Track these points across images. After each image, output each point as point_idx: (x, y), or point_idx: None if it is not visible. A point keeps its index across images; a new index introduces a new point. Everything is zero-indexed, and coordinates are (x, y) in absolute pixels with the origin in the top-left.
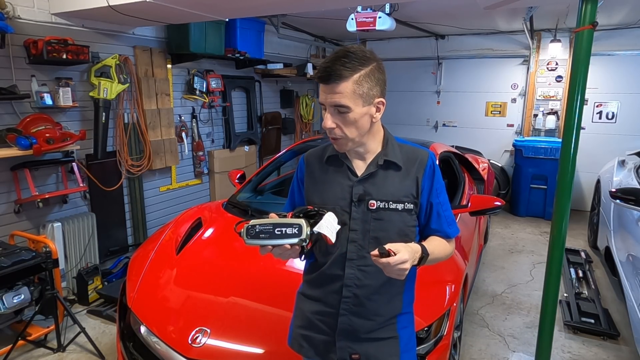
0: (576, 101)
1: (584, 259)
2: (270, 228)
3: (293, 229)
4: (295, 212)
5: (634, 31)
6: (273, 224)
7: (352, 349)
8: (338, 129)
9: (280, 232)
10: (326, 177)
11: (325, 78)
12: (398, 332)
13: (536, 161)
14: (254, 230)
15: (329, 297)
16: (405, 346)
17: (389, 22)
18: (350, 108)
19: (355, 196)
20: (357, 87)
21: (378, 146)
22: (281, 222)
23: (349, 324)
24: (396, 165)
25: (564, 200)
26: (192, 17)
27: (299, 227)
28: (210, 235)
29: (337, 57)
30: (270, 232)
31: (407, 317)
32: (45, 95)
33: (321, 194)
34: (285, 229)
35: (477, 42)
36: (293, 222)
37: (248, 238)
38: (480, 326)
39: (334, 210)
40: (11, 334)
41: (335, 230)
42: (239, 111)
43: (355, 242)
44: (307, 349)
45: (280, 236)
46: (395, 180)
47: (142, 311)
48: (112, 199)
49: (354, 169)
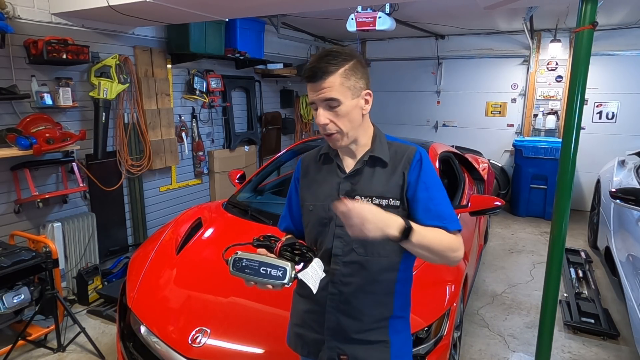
0: (576, 101)
1: (584, 259)
2: (256, 265)
3: (278, 271)
4: (284, 245)
5: (634, 31)
6: (259, 262)
7: (341, 350)
8: (332, 124)
9: (265, 271)
10: (319, 176)
11: (312, 76)
12: (390, 336)
13: (536, 161)
14: (241, 263)
15: (317, 294)
16: (398, 351)
17: (389, 22)
18: (340, 101)
19: (341, 192)
20: (345, 80)
21: (368, 142)
22: (267, 261)
23: (337, 322)
24: (382, 162)
25: (564, 200)
26: (192, 17)
27: (283, 271)
28: (210, 235)
29: (321, 56)
30: (256, 269)
31: (400, 322)
32: (45, 95)
33: (312, 191)
34: (270, 270)
35: (477, 42)
36: (279, 265)
37: (234, 270)
38: (480, 326)
39: (322, 208)
40: (11, 334)
41: (319, 279)
42: (239, 111)
43: (341, 238)
44: (302, 347)
45: (265, 275)
46: (381, 177)
47: (142, 311)
48: (112, 199)
49: (342, 166)
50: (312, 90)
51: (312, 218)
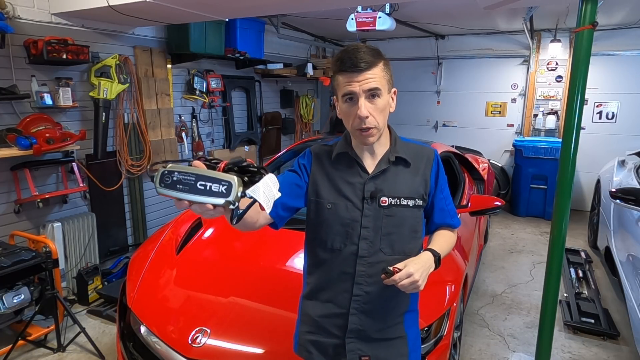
0: (576, 101)
1: (584, 259)
2: (192, 180)
3: (220, 187)
4: (230, 163)
5: (634, 31)
6: (196, 175)
7: (362, 351)
8: (372, 117)
9: (203, 186)
10: (336, 174)
11: (355, 65)
12: (405, 331)
13: (536, 161)
14: (171, 177)
15: (339, 296)
16: (413, 345)
17: (389, 22)
18: (382, 92)
19: (367, 193)
20: (384, 73)
21: (387, 142)
22: (207, 174)
23: (360, 323)
24: (405, 162)
25: (564, 200)
26: (192, 17)
27: (227, 185)
28: (210, 235)
29: (357, 48)
30: (191, 184)
31: (413, 316)
32: (45, 95)
33: (330, 189)
34: (211, 185)
35: (477, 42)
36: (222, 178)
37: (161, 186)
38: (480, 326)
39: (345, 209)
40: (11, 334)
41: (274, 199)
42: (239, 111)
43: (367, 239)
44: (316, 354)
45: (203, 192)
46: (406, 177)
47: (142, 311)
48: (112, 199)
49: (364, 166)
50: (353, 81)
51: (331, 217)
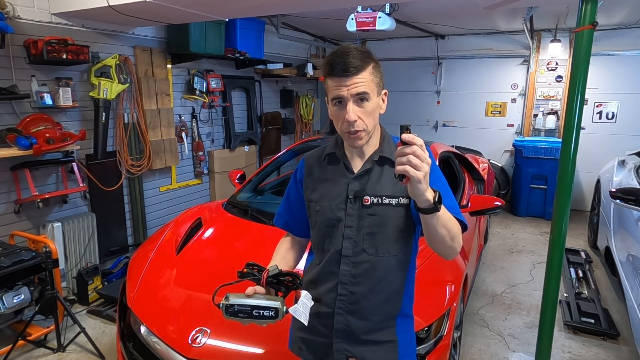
0: (576, 101)
1: (584, 259)
2: (248, 309)
3: (270, 312)
4: (269, 277)
5: (634, 31)
6: (251, 306)
7: (349, 352)
8: (360, 121)
9: (257, 313)
10: (324, 175)
11: (344, 70)
12: (397, 335)
13: (536, 161)
14: (233, 309)
15: (326, 296)
16: (405, 350)
17: (389, 22)
18: (370, 96)
19: (350, 192)
20: (373, 77)
21: (377, 143)
22: (259, 304)
23: (346, 324)
24: (391, 162)
25: (564, 200)
26: (192, 17)
27: (275, 311)
28: (210, 235)
29: (346, 51)
30: (249, 312)
31: (407, 321)
32: (45, 95)
33: (319, 192)
34: (263, 312)
35: (477, 42)
36: (270, 306)
37: (227, 315)
38: (480, 326)
39: (330, 209)
40: (11, 334)
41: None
42: (239, 111)
43: (350, 239)
44: (307, 352)
45: (258, 317)
46: (390, 176)
47: (142, 311)
48: (112, 199)
49: (350, 166)
50: (342, 85)
51: (320, 218)
